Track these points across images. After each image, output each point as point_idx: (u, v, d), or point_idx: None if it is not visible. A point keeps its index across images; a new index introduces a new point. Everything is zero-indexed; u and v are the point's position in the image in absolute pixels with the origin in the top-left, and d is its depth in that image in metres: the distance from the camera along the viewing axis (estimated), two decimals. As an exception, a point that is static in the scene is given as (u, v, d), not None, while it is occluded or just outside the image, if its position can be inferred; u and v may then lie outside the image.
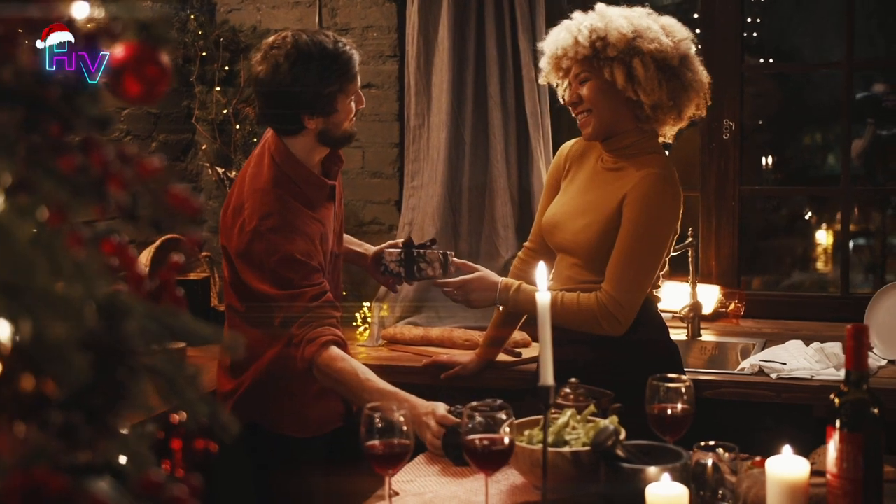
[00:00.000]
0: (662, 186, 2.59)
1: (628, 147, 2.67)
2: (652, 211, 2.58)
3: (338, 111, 2.61)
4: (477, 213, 3.80)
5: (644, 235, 2.58)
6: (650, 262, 2.59)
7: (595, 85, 2.64)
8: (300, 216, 2.60)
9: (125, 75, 1.00)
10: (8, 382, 0.81)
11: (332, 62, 2.56)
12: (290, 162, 2.65)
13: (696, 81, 2.67)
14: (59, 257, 0.85)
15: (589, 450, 1.92)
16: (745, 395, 2.98)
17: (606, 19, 2.63)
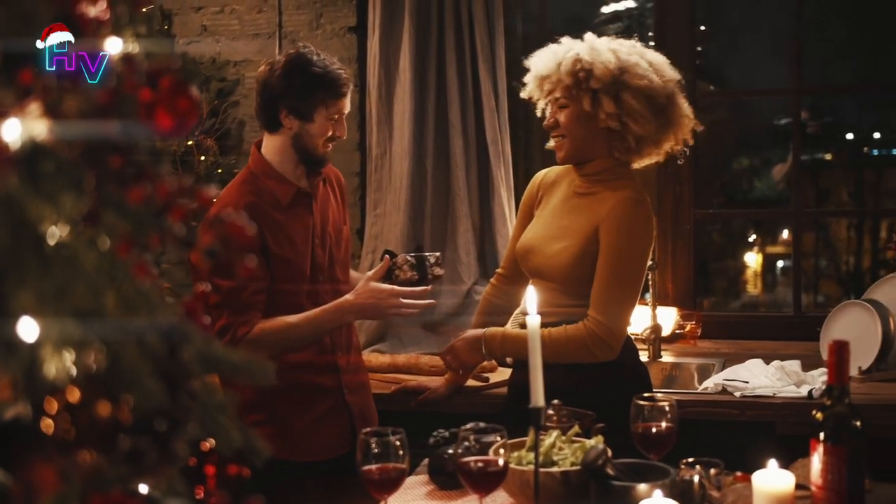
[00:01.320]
0: (637, 210, 2.65)
1: (601, 173, 2.73)
2: (629, 235, 2.64)
3: (314, 122, 2.73)
4: (439, 241, 3.84)
5: (624, 259, 2.64)
6: (633, 285, 2.65)
7: (572, 112, 2.70)
8: (260, 213, 2.68)
9: (158, 109, 1.03)
10: (84, 409, 0.83)
11: (323, 74, 2.70)
12: (262, 164, 2.79)
13: (680, 120, 2.72)
14: (126, 286, 0.88)
15: (578, 469, 1.96)
16: (710, 414, 3.04)
17: (594, 52, 2.67)
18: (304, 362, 2.77)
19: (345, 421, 2.84)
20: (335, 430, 2.81)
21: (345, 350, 2.88)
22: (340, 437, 2.83)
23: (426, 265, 2.76)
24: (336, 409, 2.84)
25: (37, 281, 0.81)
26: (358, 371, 2.95)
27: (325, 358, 2.83)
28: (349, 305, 2.70)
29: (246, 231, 0.95)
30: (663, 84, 2.69)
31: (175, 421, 0.91)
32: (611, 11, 7.46)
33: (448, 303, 3.79)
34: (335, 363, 2.84)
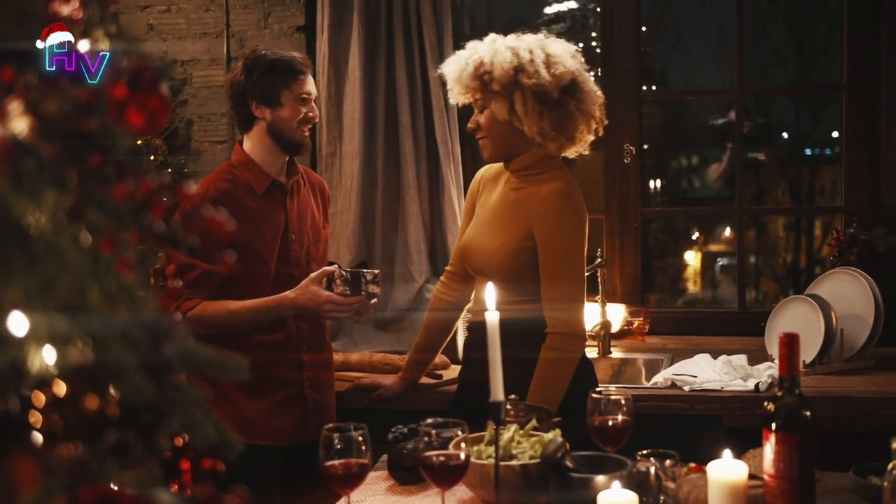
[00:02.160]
0: (564, 202, 2.70)
1: (529, 167, 2.78)
2: (562, 229, 2.69)
3: (282, 105, 2.85)
4: (390, 240, 3.86)
5: (563, 254, 2.68)
6: (578, 274, 2.71)
7: (490, 113, 2.76)
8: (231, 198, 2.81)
9: (129, 107, 1.04)
10: (72, 403, 0.84)
11: (278, 61, 2.85)
12: (242, 156, 2.93)
13: (580, 110, 2.75)
14: (109, 281, 0.89)
15: (538, 462, 1.99)
16: (660, 408, 3.10)
17: (493, 53, 2.72)
18: (269, 351, 2.85)
19: (300, 412, 2.92)
20: (290, 420, 2.90)
21: (312, 348, 2.96)
22: (296, 428, 2.91)
23: (361, 282, 2.85)
24: (293, 399, 2.92)
25: (23, 276, 0.82)
26: (323, 369, 3.02)
27: (291, 354, 2.91)
28: (289, 302, 2.82)
29: (225, 226, 0.97)
30: (555, 78, 2.70)
31: (160, 415, 0.92)
32: (554, 12, 7.54)
33: (400, 300, 3.81)
34: (300, 359, 2.93)
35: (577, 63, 2.79)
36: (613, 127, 4.04)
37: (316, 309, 2.83)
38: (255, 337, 2.84)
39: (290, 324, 2.91)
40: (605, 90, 4.03)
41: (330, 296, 2.81)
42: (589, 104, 2.77)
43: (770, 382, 3.08)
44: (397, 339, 3.78)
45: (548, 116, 2.70)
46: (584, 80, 2.78)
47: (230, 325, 2.78)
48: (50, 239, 0.85)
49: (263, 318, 2.83)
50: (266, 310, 2.82)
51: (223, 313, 2.77)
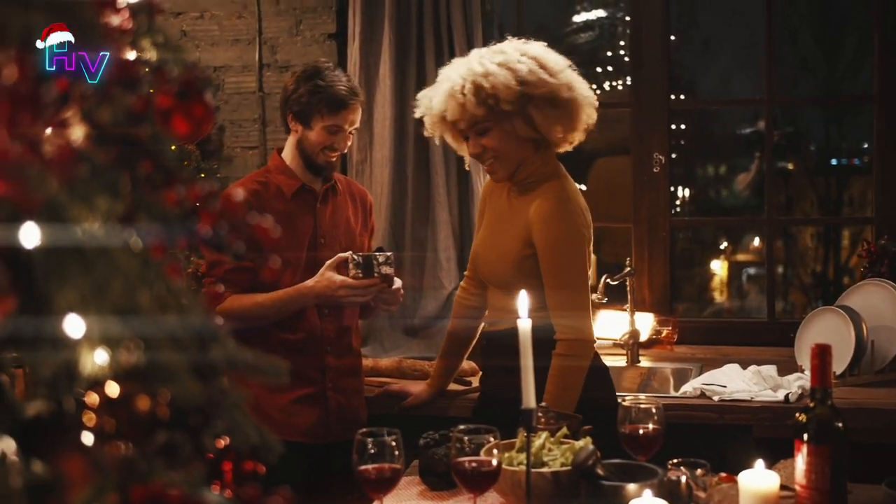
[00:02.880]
0: (560, 205, 2.69)
1: (530, 176, 2.77)
2: (559, 234, 2.68)
3: (312, 129, 2.91)
4: (420, 247, 3.88)
5: (563, 260, 2.68)
6: (579, 278, 2.69)
7: (498, 133, 2.71)
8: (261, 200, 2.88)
9: (174, 115, 1.06)
10: (124, 404, 0.86)
11: (325, 87, 2.88)
12: (277, 161, 3.02)
13: (579, 102, 2.75)
14: (159, 285, 0.91)
15: (569, 469, 2.00)
16: (689, 418, 3.10)
17: (491, 76, 2.66)
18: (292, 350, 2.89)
19: (320, 413, 2.96)
20: (310, 419, 2.95)
21: (336, 350, 2.99)
22: (316, 427, 2.96)
23: (373, 265, 2.86)
24: (314, 399, 2.96)
25: (77, 280, 0.84)
26: (349, 374, 3.04)
27: (314, 354, 2.95)
28: (307, 290, 2.86)
29: (270, 233, 0.98)
30: (558, 79, 2.70)
31: (207, 416, 0.93)
32: (582, 21, 7.55)
33: (429, 307, 3.83)
34: (323, 360, 2.97)
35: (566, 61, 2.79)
36: (642, 136, 4.06)
37: (332, 295, 2.85)
38: (278, 335, 2.89)
39: (313, 323, 2.94)
40: (634, 99, 4.06)
41: (344, 280, 2.84)
42: (584, 96, 2.77)
43: (800, 393, 3.07)
44: (426, 345, 3.80)
45: (562, 118, 2.73)
46: (578, 81, 2.78)
47: (256, 318, 2.83)
48: (103, 244, 0.87)
49: (286, 308, 2.87)
50: (288, 300, 2.86)
51: (249, 305, 2.83)
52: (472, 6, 3.82)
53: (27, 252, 0.81)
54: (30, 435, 0.90)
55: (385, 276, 2.86)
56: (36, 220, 0.83)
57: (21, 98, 0.74)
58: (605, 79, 7.09)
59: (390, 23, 3.82)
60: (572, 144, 2.85)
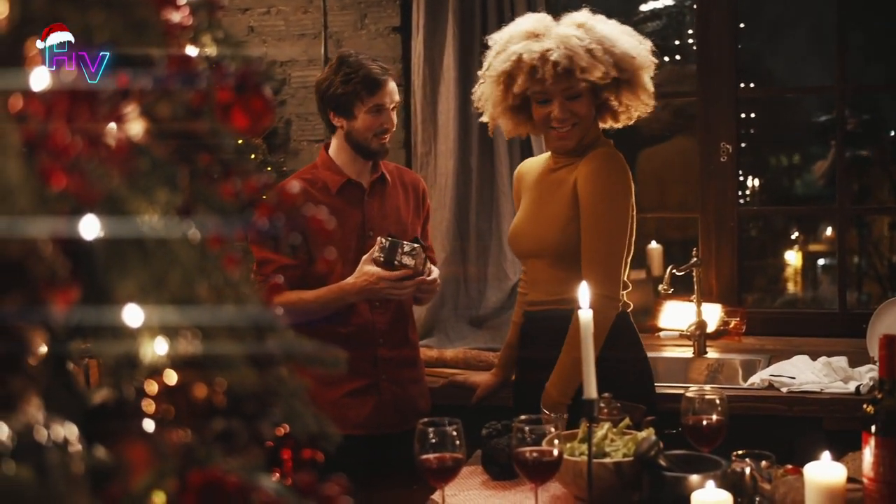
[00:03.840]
0: (607, 163, 2.74)
1: (582, 144, 2.81)
2: (603, 188, 2.71)
3: (356, 118, 2.92)
4: (485, 237, 3.89)
5: (603, 214, 2.70)
6: (615, 233, 2.70)
7: (588, 99, 2.76)
8: (307, 197, 2.84)
9: (234, 109, 1.08)
10: (182, 391, 0.88)
11: (355, 71, 2.90)
12: (324, 158, 3.04)
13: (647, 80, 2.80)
14: (217, 276, 0.93)
15: (631, 460, 2.00)
16: (757, 409, 3.06)
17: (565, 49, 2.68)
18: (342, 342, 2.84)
19: (374, 405, 2.97)
20: (363, 411, 2.95)
21: (389, 343, 3.00)
22: (369, 419, 2.96)
23: (396, 252, 2.83)
24: (366, 391, 2.97)
25: (137, 271, 0.86)
26: (406, 366, 3.05)
27: (366, 346, 2.96)
28: (349, 287, 2.86)
29: (325, 225, 1.00)
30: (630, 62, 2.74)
31: (263, 404, 0.95)
32: (649, 9, 7.46)
33: (494, 298, 3.84)
34: (375, 353, 2.97)
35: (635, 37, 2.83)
36: (709, 125, 4.01)
37: (372, 289, 2.84)
38: (330, 328, 2.89)
39: (364, 316, 2.95)
40: (700, 88, 4.01)
41: (381, 274, 2.82)
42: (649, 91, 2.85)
43: (871, 385, 3.01)
44: (491, 336, 3.80)
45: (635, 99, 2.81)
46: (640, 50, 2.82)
47: (302, 314, 2.83)
48: (162, 236, 0.89)
49: (331, 305, 2.87)
50: (332, 297, 2.86)
51: (294, 301, 2.83)
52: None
53: (88, 244, 0.84)
54: (95, 422, 0.93)
55: (404, 265, 2.82)
56: (96, 212, 0.86)
57: (79, 94, 0.76)
58: (672, 68, 7.01)
59: (454, 15, 3.83)
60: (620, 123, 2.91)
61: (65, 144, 0.76)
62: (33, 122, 0.76)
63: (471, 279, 3.88)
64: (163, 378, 0.87)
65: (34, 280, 0.74)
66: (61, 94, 0.76)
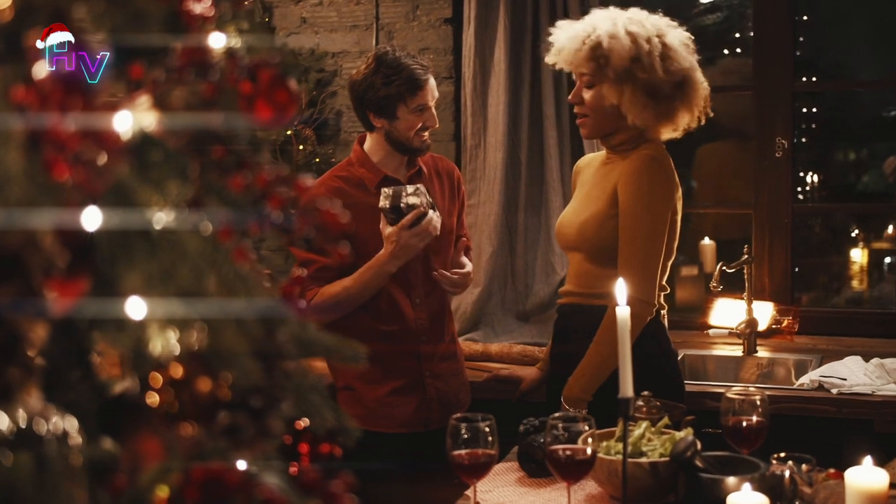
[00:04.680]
0: (651, 165, 2.69)
1: (625, 143, 2.78)
2: (644, 190, 2.67)
3: (398, 119, 2.86)
4: (533, 231, 3.86)
5: (641, 215, 2.66)
6: (652, 236, 2.67)
7: (598, 92, 2.74)
8: (345, 194, 2.85)
9: (257, 101, 1.07)
10: (186, 385, 0.88)
11: (396, 72, 2.82)
12: (359, 154, 2.97)
13: (685, 103, 2.74)
14: (226, 269, 0.93)
15: (667, 460, 1.97)
16: (806, 410, 3.01)
17: (611, 36, 2.68)
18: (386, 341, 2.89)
19: (419, 401, 2.94)
20: (408, 408, 2.93)
21: (432, 339, 2.97)
22: (415, 415, 2.94)
23: (400, 196, 2.78)
24: (411, 388, 2.94)
25: (144, 263, 0.86)
26: (447, 360, 3.03)
27: (409, 345, 2.94)
28: (382, 257, 2.81)
29: (339, 218, 0.99)
30: (669, 75, 2.68)
31: (271, 399, 0.95)
32: (709, 1, 7.35)
33: (542, 292, 3.81)
34: (418, 350, 2.95)
35: (692, 57, 2.77)
36: (765, 120, 3.94)
37: (400, 248, 2.77)
38: (373, 325, 2.87)
39: (406, 314, 2.92)
40: (756, 81, 3.94)
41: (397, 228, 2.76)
42: (695, 98, 2.76)
43: (924, 387, 2.94)
44: (538, 330, 3.78)
45: (653, 109, 2.71)
46: (695, 76, 2.76)
47: (347, 302, 2.82)
48: (171, 228, 0.89)
49: (372, 283, 2.83)
50: (370, 274, 2.82)
51: (338, 291, 2.82)
52: (589, -10, 3.77)
53: (93, 235, 0.84)
54: (112, 414, 0.93)
55: (411, 206, 2.77)
56: (103, 204, 0.85)
57: (79, 85, 0.76)
58: (730, 61, 6.91)
59: (505, 7, 3.80)
60: (662, 135, 2.81)
61: (65, 135, 0.76)
62: (35, 113, 0.76)
63: (518, 273, 3.86)
64: (168, 371, 0.87)
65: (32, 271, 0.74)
66: (62, 84, 0.76)
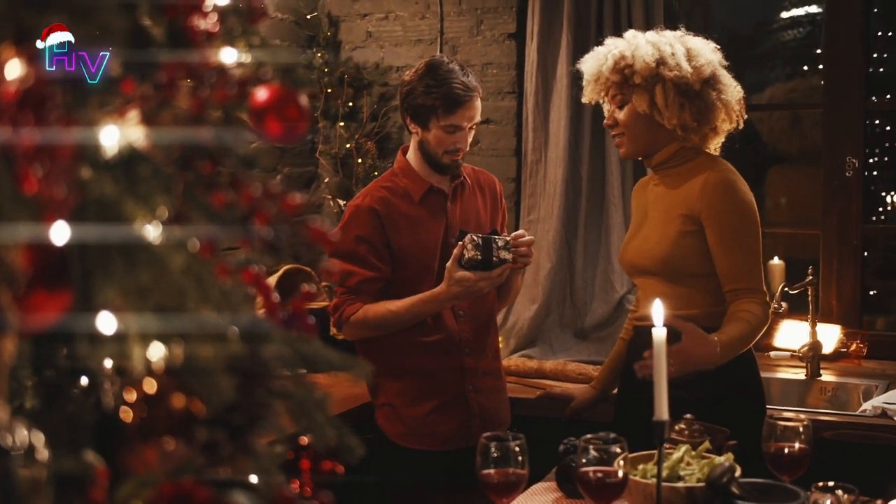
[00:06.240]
0: (731, 176, 2.67)
1: (669, 160, 2.75)
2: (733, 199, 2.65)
3: (430, 131, 2.83)
4: (592, 248, 3.82)
5: (742, 236, 2.64)
6: (758, 250, 2.67)
7: (631, 109, 2.72)
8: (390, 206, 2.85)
9: (267, 116, 1.07)
10: (160, 400, 0.88)
11: (438, 84, 2.79)
12: (403, 164, 2.94)
13: (722, 100, 2.70)
14: (208, 285, 0.93)
15: (703, 486, 1.92)
16: (867, 438, 2.91)
17: (633, 47, 2.70)
18: (430, 353, 2.88)
19: (463, 417, 2.90)
20: (453, 424, 2.88)
21: (475, 354, 2.93)
22: (458, 432, 2.90)
23: (492, 247, 2.72)
24: (455, 403, 2.91)
25: (122, 278, 0.86)
26: (489, 375, 2.99)
27: (452, 357, 2.90)
28: (442, 294, 2.75)
29: (328, 237, 0.98)
30: (696, 70, 2.67)
31: (252, 416, 0.94)
32: (789, 17, 7.22)
33: (600, 310, 3.77)
34: (462, 362, 2.91)
35: (717, 57, 2.75)
36: (834, 138, 3.84)
37: (467, 292, 2.73)
38: (416, 338, 2.85)
39: (450, 326, 2.89)
40: (826, 99, 3.85)
41: (472, 276, 2.70)
42: (729, 95, 2.73)
43: None
44: (596, 349, 3.74)
45: (689, 108, 2.68)
46: (723, 74, 2.74)
47: (391, 325, 2.82)
48: (153, 243, 0.89)
49: (421, 315, 2.82)
50: (423, 307, 2.79)
51: (384, 314, 2.80)
52: (654, 5, 3.73)
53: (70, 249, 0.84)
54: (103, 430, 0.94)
55: (503, 260, 2.72)
56: (84, 218, 0.86)
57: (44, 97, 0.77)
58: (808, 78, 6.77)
59: (568, 23, 3.78)
60: (705, 142, 2.77)
61: (32, 148, 0.77)
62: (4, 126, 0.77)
63: (577, 290, 3.83)
64: (143, 387, 0.87)
65: (-7, 285, 0.75)
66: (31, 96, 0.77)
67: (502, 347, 3.73)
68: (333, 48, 4.24)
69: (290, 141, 1.09)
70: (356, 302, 2.82)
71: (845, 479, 1.87)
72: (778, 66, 5.15)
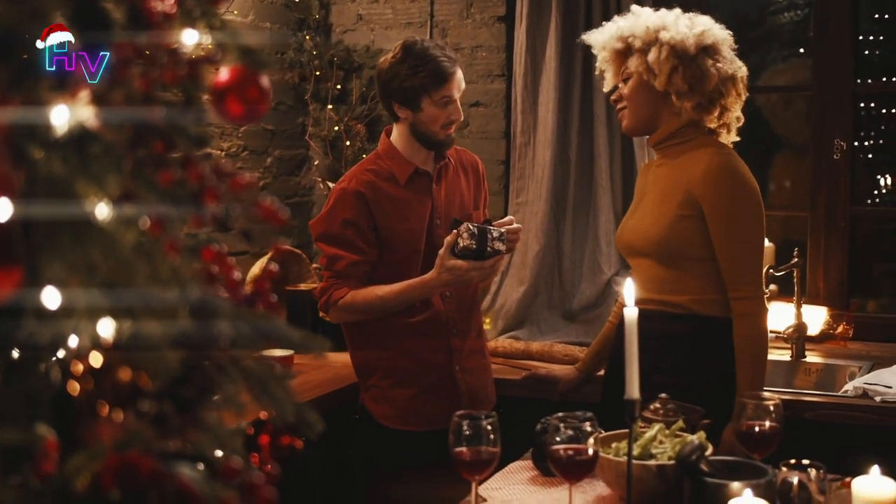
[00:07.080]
0: (731, 161, 2.67)
1: (670, 137, 2.75)
2: (733, 185, 2.64)
3: (422, 110, 2.84)
4: (581, 230, 3.84)
5: (742, 225, 2.64)
6: (758, 244, 2.67)
7: (634, 81, 2.74)
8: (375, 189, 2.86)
9: (228, 97, 1.09)
10: (108, 374, 0.90)
11: (422, 63, 2.81)
12: (387, 146, 2.96)
13: (718, 70, 2.67)
14: (158, 262, 0.95)
15: (674, 463, 1.94)
16: (847, 418, 2.93)
17: (637, 15, 2.75)
18: (417, 333, 2.90)
19: (452, 397, 2.90)
20: (442, 406, 2.85)
21: (462, 333, 2.96)
22: (447, 412, 2.86)
23: (487, 238, 2.74)
24: (443, 384, 2.93)
25: (69, 255, 0.88)
26: (475, 355, 3.01)
27: (440, 337, 2.92)
28: (433, 281, 2.77)
29: (278, 215, 1.00)
30: (696, 35, 2.67)
31: (202, 389, 0.97)
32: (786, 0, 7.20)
33: (588, 292, 3.79)
34: (449, 343, 2.94)
35: (725, 35, 2.74)
36: (822, 121, 3.85)
37: (458, 280, 2.75)
38: (402, 319, 2.86)
39: (436, 306, 2.91)
40: (815, 82, 3.86)
41: (464, 264, 2.71)
42: (728, 68, 2.70)
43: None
44: (584, 330, 3.76)
45: (682, 71, 2.66)
46: (727, 49, 2.73)
47: (379, 310, 2.83)
48: (101, 220, 0.91)
49: (410, 300, 2.84)
50: (412, 292, 2.81)
51: (372, 299, 2.81)
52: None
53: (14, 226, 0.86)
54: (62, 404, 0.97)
55: (496, 251, 2.74)
56: (31, 195, 0.88)
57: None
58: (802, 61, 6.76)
59: (557, 5, 3.78)
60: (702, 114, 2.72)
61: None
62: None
63: (565, 272, 3.84)
64: (88, 360, 0.90)
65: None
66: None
67: (490, 329, 3.76)
68: (324, 31, 4.25)
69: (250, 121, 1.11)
70: (343, 286, 2.83)
71: (823, 459, 1.89)
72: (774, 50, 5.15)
